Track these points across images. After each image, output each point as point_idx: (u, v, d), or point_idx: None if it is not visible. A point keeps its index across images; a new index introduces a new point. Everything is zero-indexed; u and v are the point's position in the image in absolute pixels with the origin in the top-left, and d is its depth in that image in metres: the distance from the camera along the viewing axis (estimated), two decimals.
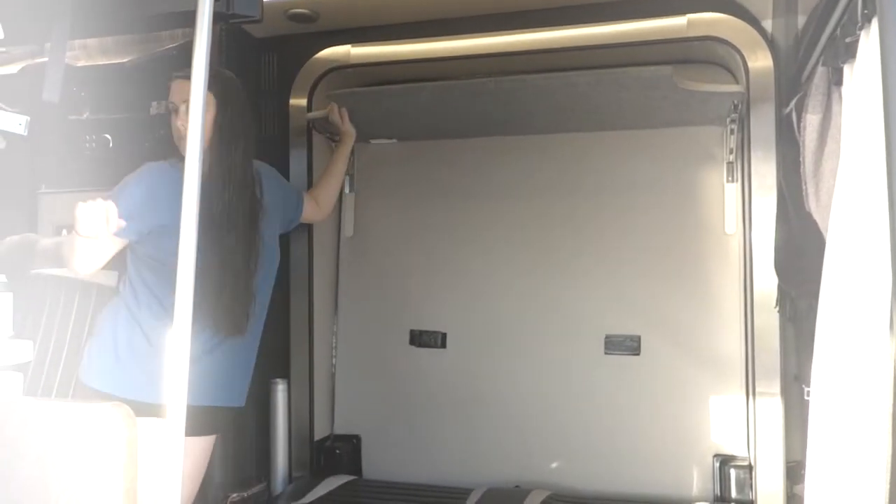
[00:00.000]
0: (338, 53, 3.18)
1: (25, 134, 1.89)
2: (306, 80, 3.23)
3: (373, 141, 3.44)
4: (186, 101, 2.29)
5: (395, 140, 3.43)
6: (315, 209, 2.99)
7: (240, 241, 2.37)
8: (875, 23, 1.41)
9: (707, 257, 3.08)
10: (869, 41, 1.53)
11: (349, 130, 3.06)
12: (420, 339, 3.33)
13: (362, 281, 3.45)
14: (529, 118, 3.10)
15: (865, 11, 1.46)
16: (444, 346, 3.30)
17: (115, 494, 1.53)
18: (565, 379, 3.16)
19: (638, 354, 3.10)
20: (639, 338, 3.11)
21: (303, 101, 3.24)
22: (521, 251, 3.26)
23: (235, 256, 2.35)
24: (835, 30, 1.79)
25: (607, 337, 3.14)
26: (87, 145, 3.15)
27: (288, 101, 3.27)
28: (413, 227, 3.41)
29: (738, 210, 3.02)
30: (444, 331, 3.32)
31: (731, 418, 2.99)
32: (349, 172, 3.48)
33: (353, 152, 3.47)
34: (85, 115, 3.28)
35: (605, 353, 3.13)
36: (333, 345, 3.45)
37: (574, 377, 3.16)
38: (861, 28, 1.56)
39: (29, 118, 1.80)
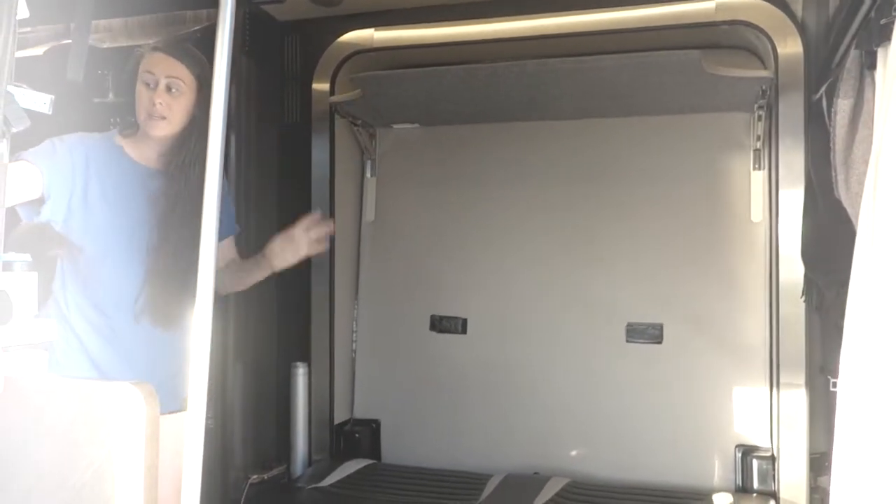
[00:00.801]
0: (361, 37, 3.17)
1: (50, 113, 1.89)
2: (329, 64, 3.23)
3: (395, 126, 3.43)
4: (170, 77, 2.20)
5: (417, 125, 3.41)
6: (227, 255, 2.45)
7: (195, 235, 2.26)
8: None
9: (732, 245, 3.04)
10: None
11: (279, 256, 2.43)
12: (440, 324, 3.33)
13: (383, 266, 3.45)
14: (554, 103, 3.07)
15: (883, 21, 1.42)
16: (464, 331, 3.30)
17: (137, 470, 1.54)
18: (586, 367, 3.14)
19: (660, 343, 3.07)
20: (661, 326, 3.08)
21: (325, 86, 3.24)
22: (543, 237, 3.24)
23: (191, 250, 2.25)
24: (869, 11, 1.75)
25: (629, 325, 3.12)
26: (112, 128, 3.16)
27: (311, 85, 3.26)
28: (434, 213, 3.40)
29: (765, 198, 2.98)
30: (464, 316, 3.31)
31: (754, 408, 2.95)
32: (370, 157, 3.48)
33: (374, 136, 3.47)
34: (109, 98, 3.30)
35: (627, 341, 3.11)
36: (354, 329, 3.45)
37: (595, 365, 3.14)
38: None
39: (53, 97, 1.81)
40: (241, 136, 3.07)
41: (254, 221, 3.18)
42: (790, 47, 2.75)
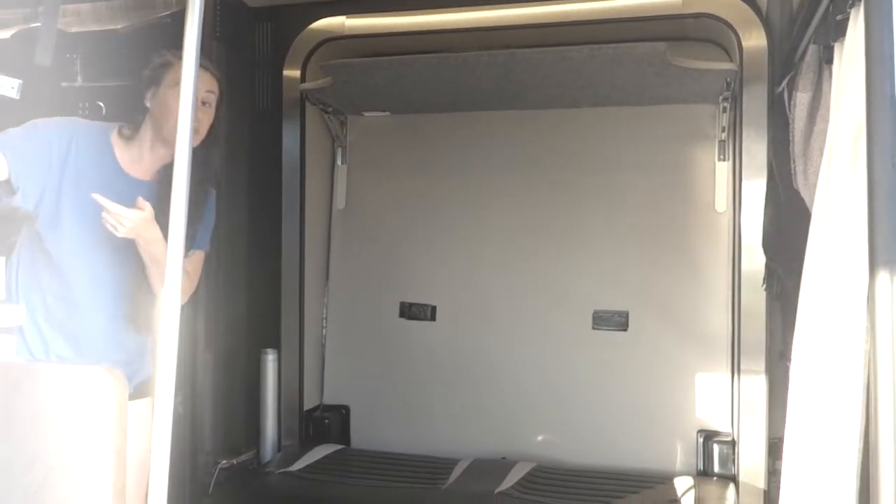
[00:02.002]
0: (332, 24, 3.17)
1: (17, 97, 1.88)
2: (300, 51, 3.23)
3: (366, 113, 3.44)
4: (207, 92, 2.13)
5: (387, 113, 3.43)
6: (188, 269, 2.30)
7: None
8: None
9: (697, 234, 3.10)
10: (859, 19, 1.54)
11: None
12: (410, 311, 3.36)
13: (353, 253, 3.47)
14: (523, 93, 3.11)
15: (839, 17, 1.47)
16: (433, 318, 3.33)
17: (106, 454, 1.55)
18: (553, 353, 3.19)
19: (625, 330, 3.13)
20: (627, 313, 3.14)
21: (296, 73, 3.24)
22: (511, 226, 3.28)
23: None
24: (827, 8, 1.80)
25: (595, 312, 3.17)
26: (80, 112, 3.13)
27: (282, 72, 3.26)
28: (405, 201, 3.42)
29: (729, 188, 3.04)
30: (433, 304, 3.34)
31: (715, 395, 3.03)
32: (341, 145, 3.49)
33: (345, 124, 3.47)
34: (78, 82, 3.27)
35: (593, 329, 3.16)
36: (324, 316, 3.47)
37: (562, 352, 3.19)
38: (852, 6, 1.57)
39: (21, 82, 1.80)
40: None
41: (224, 208, 3.18)
42: (754, 41, 2.81)
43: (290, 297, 3.29)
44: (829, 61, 1.87)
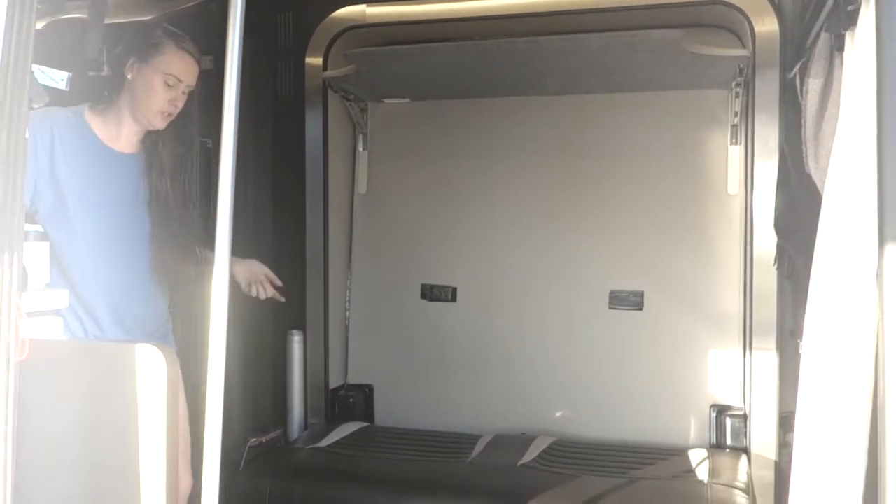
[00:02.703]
0: (354, 13, 3.25)
1: (67, 89, 1.97)
2: (322, 39, 3.30)
3: (386, 100, 3.52)
4: (191, 84, 2.25)
5: (407, 99, 3.51)
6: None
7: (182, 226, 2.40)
8: None
9: (710, 217, 3.18)
10: (869, 9, 1.61)
11: None
12: (431, 293, 3.45)
13: (375, 236, 3.56)
14: (540, 80, 3.18)
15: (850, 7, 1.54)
16: (454, 300, 3.42)
17: (160, 427, 1.66)
18: (571, 332, 3.29)
19: (641, 309, 3.22)
20: (642, 293, 3.23)
21: (318, 61, 3.32)
22: (530, 209, 3.36)
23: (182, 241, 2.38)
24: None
25: (612, 293, 3.26)
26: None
27: (304, 61, 3.34)
28: (425, 185, 3.51)
29: (741, 171, 3.12)
30: (454, 285, 3.43)
31: (728, 371, 3.12)
32: (362, 131, 3.57)
33: (366, 111, 3.56)
34: (105, 72, 3.35)
35: (610, 308, 3.25)
36: (347, 298, 3.57)
37: (579, 331, 3.28)
38: None
39: (70, 74, 1.88)
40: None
41: (251, 194, 3.28)
42: (767, 27, 2.87)
43: (314, 280, 3.39)
44: (841, 49, 1.93)
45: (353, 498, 2.61)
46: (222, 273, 1.61)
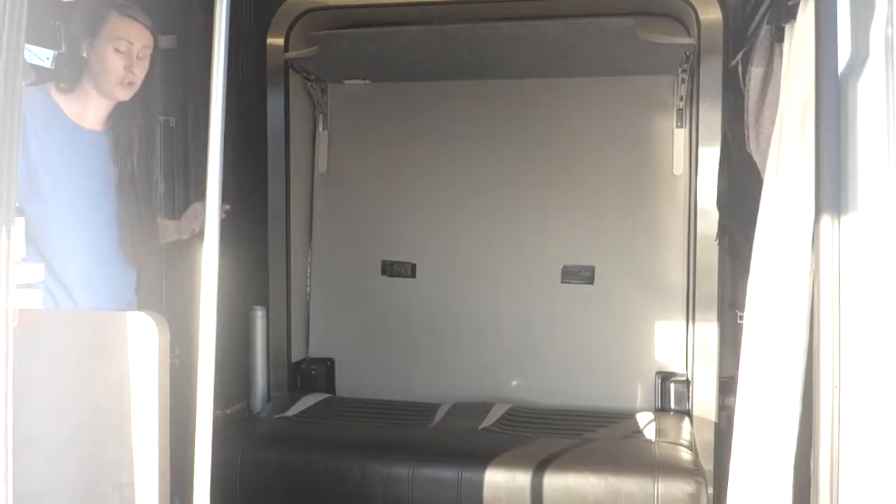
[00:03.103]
0: None
1: (52, 67, 2.00)
2: (284, 20, 3.35)
3: (347, 81, 3.60)
4: (143, 46, 2.29)
5: (368, 81, 3.59)
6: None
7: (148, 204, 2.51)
8: None
9: (657, 196, 3.37)
10: (808, 4, 1.78)
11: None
12: (391, 269, 3.56)
13: (336, 214, 3.65)
14: (499, 63, 3.30)
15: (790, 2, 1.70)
16: (413, 276, 3.54)
17: (152, 391, 1.74)
18: (525, 305, 3.45)
19: (592, 283, 3.40)
20: (593, 268, 3.40)
21: (280, 41, 3.37)
22: (486, 187, 3.50)
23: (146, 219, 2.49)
24: None
25: (564, 267, 3.42)
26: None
27: (265, 41, 3.38)
28: (384, 165, 3.61)
29: (686, 153, 3.31)
30: (413, 262, 3.55)
31: (672, 340, 3.32)
32: (322, 112, 3.63)
33: (326, 91, 3.62)
34: (62, 49, 3.35)
35: (562, 283, 3.42)
36: (308, 274, 3.65)
37: (533, 304, 3.44)
38: None
39: (56, 52, 1.92)
40: (195, 91, 3.18)
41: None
42: (711, 16, 3.05)
43: (276, 257, 3.47)
44: (780, 40, 2.10)
45: (322, 462, 2.72)
46: (212, 251, 1.69)
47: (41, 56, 1.85)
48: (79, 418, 1.78)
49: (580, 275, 3.42)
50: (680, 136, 3.34)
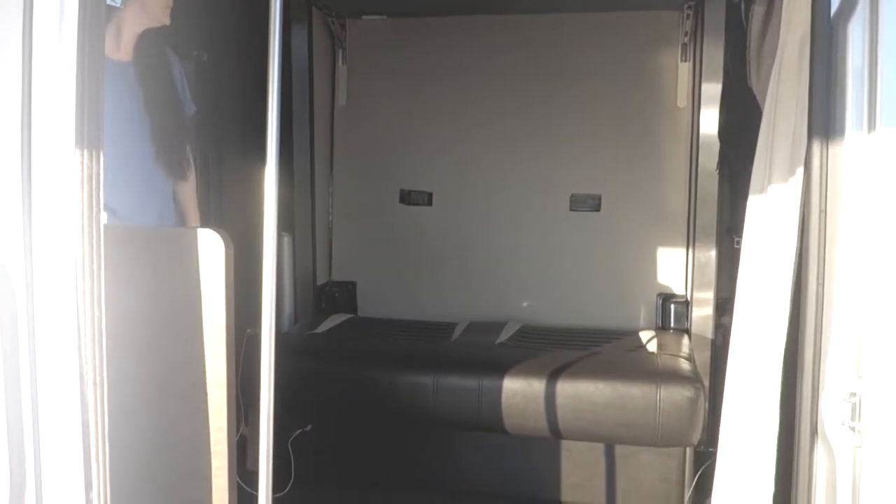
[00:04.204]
0: None
1: (119, 5, 2.18)
2: None
3: (364, 17, 3.73)
4: None
5: (385, 16, 3.73)
6: None
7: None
8: None
9: (661, 127, 3.56)
10: None
11: None
12: (409, 197, 3.77)
13: (355, 146, 3.84)
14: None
15: None
16: (430, 204, 3.75)
17: (219, 300, 1.97)
18: (536, 232, 3.67)
19: (598, 211, 3.62)
20: (600, 197, 3.61)
21: None
22: (499, 120, 3.68)
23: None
24: None
25: (572, 195, 3.63)
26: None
27: None
28: (401, 97, 3.77)
29: (689, 87, 3.48)
30: (430, 190, 3.76)
31: (673, 264, 3.56)
32: (341, 46, 3.78)
33: (345, 26, 3.76)
34: None
35: (571, 210, 3.64)
36: (330, 203, 3.86)
37: (544, 230, 3.67)
38: None
39: None
40: (224, 26, 3.32)
41: (241, 108, 3.49)
42: None
43: (301, 185, 3.66)
44: None
45: (353, 373, 2.98)
46: (272, 182, 1.89)
47: None
48: (154, 325, 2.02)
49: (587, 203, 3.63)
50: (684, 69, 3.50)
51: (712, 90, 3.22)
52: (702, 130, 3.32)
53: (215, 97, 3.25)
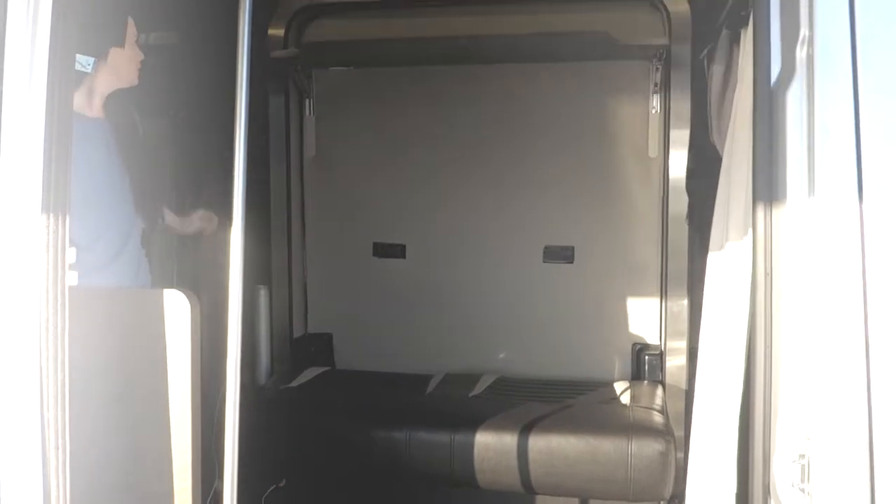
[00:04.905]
0: None
1: (90, 72, 2.27)
2: (285, 15, 3.55)
3: (332, 68, 3.78)
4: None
5: (351, 68, 3.77)
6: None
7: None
8: None
9: (633, 177, 3.60)
10: (750, 26, 2.01)
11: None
12: (382, 250, 3.77)
13: (326, 197, 3.83)
14: (479, 54, 3.51)
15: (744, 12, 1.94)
16: (404, 256, 3.76)
17: (185, 359, 1.98)
18: (511, 284, 3.67)
19: (572, 262, 3.64)
20: (573, 248, 3.64)
21: (281, 33, 3.57)
22: (471, 171, 3.70)
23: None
24: (735, 1, 2.28)
25: (546, 248, 3.66)
26: None
27: (265, 33, 3.57)
28: (370, 148, 3.78)
29: (660, 137, 3.54)
30: (403, 242, 3.77)
31: (647, 314, 3.58)
32: (309, 97, 3.80)
33: (311, 77, 3.79)
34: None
35: (544, 262, 3.65)
36: (305, 256, 3.86)
37: (518, 282, 3.67)
38: (752, 5, 2.04)
39: (95, 59, 2.19)
40: (199, 81, 3.37)
41: (214, 158, 3.53)
42: (682, 7, 3.29)
43: (278, 238, 3.69)
44: (737, 42, 2.35)
45: (326, 428, 2.97)
46: (237, 236, 1.92)
47: (83, 62, 2.07)
48: (119, 387, 2.02)
49: (561, 254, 3.64)
50: (655, 119, 3.56)
51: (681, 141, 3.28)
52: (672, 180, 3.37)
53: (195, 146, 3.29)
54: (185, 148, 3.34)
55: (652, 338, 3.59)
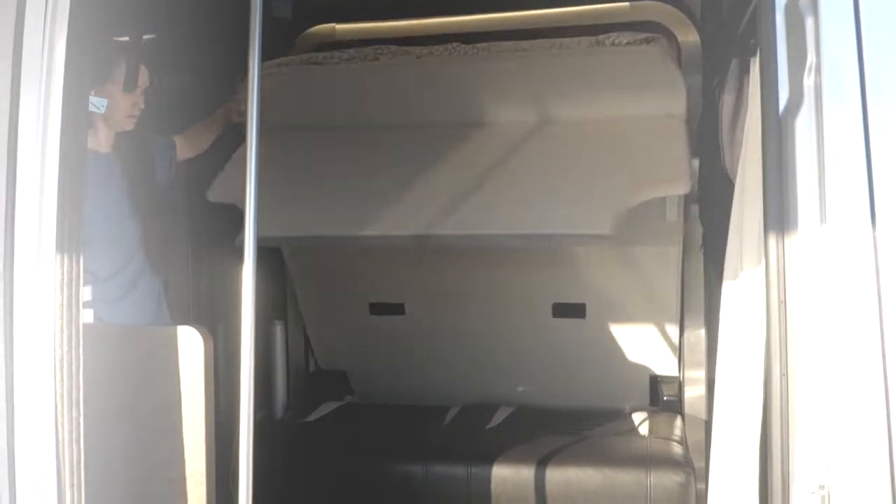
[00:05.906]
0: (324, 30, 3.56)
1: (103, 112, 2.30)
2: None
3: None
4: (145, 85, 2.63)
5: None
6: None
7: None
8: None
9: (648, 208, 3.52)
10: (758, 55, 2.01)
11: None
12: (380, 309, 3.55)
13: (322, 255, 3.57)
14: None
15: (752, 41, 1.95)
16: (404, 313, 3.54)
17: (199, 397, 1.98)
18: (519, 335, 3.48)
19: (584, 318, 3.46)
20: (584, 305, 3.43)
21: None
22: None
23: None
24: (744, 30, 2.29)
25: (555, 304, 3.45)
26: None
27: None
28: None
29: None
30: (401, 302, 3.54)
31: (665, 346, 3.52)
32: None
33: None
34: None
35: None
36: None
37: (526, 333, 3.48)
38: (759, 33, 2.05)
39: (107, 100, 2.21)
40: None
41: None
42: (692, 40, 3.30)
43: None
44: (747, 72, 2.35)
45: (342, 463, 2.95)
46: (249, 270, 1.93)
47: (97, 104, 2.12)
48: (134, 424, 2.02)
49: (571, 311, 3.43)
50: None
51: (696, 170, 3.26)
52: (688, 212, 3.35)
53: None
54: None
55: (670, 368, 3.54)
